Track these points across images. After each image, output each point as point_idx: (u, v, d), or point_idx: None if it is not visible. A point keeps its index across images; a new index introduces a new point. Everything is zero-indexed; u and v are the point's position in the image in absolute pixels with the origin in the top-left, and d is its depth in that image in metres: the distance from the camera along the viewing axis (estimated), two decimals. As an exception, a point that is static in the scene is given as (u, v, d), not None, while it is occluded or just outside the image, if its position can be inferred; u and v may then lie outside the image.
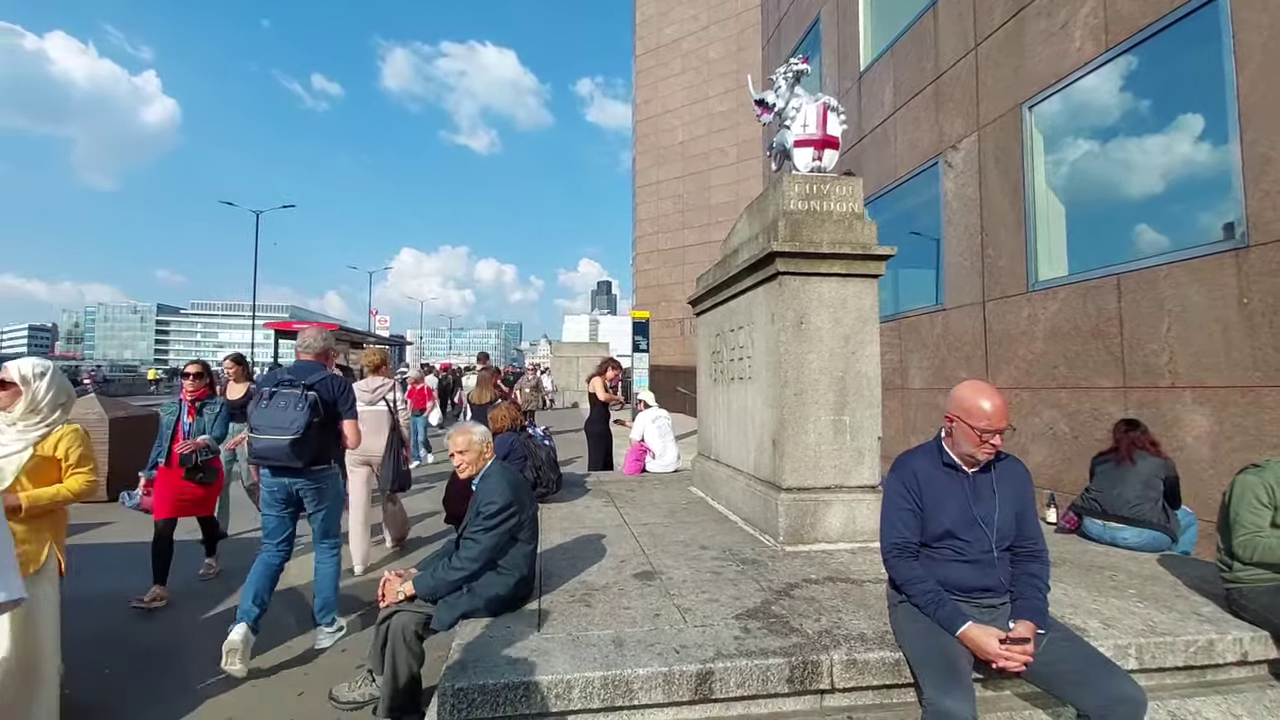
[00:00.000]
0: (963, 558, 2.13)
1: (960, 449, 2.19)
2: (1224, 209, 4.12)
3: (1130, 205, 5.06)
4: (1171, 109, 4.68)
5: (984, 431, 2.09)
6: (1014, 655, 1.90)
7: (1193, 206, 4.53)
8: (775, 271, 3.54)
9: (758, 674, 2.07)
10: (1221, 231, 4.13)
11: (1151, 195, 4.88)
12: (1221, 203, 4.15)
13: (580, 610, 2.53)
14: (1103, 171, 5.30)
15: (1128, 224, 5.06)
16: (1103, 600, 2.66)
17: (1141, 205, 4.96)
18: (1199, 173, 4.42)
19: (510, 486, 2.57)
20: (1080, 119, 5.37)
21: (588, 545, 3.48)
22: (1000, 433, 2.10)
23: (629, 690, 2.01)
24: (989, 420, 2.09)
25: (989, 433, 2.09)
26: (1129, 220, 5.06)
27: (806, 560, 3.21)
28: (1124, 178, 5.12)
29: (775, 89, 4.09)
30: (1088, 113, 5.29)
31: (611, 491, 5.16)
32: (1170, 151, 4.70)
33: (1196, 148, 4.45)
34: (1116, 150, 5.17)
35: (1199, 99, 4.40)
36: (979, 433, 2.10)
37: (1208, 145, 4.32)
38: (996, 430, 2.09)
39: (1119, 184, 5.17)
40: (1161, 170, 4.79)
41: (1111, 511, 3.55)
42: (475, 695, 1.95)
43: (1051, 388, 5.33)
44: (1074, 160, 5.52)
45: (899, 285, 8.01)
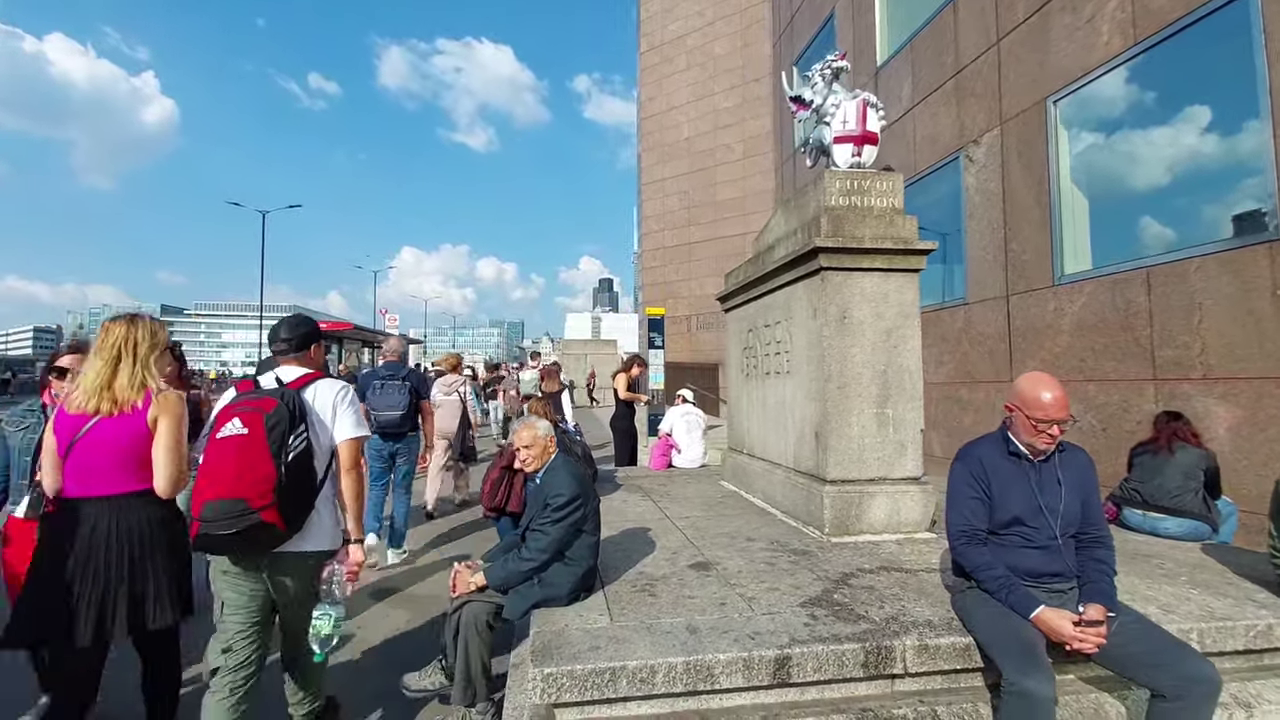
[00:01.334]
0: (1030, 544, 2.18)
1: (1020, 438, 2.25)
2: (1256, 202, 4.16)
3: (1157, 199, 5.09)
4: (1200, 103, 4.71)
5: (1040, 421, 2.16)
6: (1088, 637, 1.95)
7: (1223, 200, 4.56)
8: (818, 267, 3.59)
9: (834, 659, 2.13)
10: (1254, 224, 4.17)
11: (1179, 189, 4.92)
12: (1253, 195, 4.19)
13: (646, 599, 2.59)
14: (1129, 165, 5.33)
15: (1155, 218, 5.10)
16: (1156, 587, 2.72)
17: (1168, 199, 5.00)
18: (1229, 166, 4.46)
19: (576, 480, 2.62)
20: (1106, 113, 5.40)
21: (636, 538, 3.54)
22: (1059, 423, 2.16)
23: (710, 675, 2.07)
24: (1045, 411, 2.15)
25: (1045, 422, 2.15)
26: (1156, 214, 5.09)
27: (855, 551, 3.26)
28: (1150, 171, 5.16)
29: (812, 86, 4.14)
30: (1113, 106, 5.32)
31: (644, 486, 5.22)
32: (1198, 145, 4.74)
33: (1225, 141, 4.49)
34: (1142, 144, 5.20)
35: (1229, 93, 4.44)
36: (1035, 423, 2.17)
37: (1237, 139, 4.35)
38: (1054, 420, 2.15)
39: (1145, 178, 5.21)
40: (1189, 164, 4.83)
41: (1152, 502, 3.60)
42: (564, 680, 2.01)
43: (1078, 381, 5.37)
44: (1099, 154, 5.55)
45: (917, 280, 8.05)
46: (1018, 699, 1.87)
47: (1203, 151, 4.71)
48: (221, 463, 1.97)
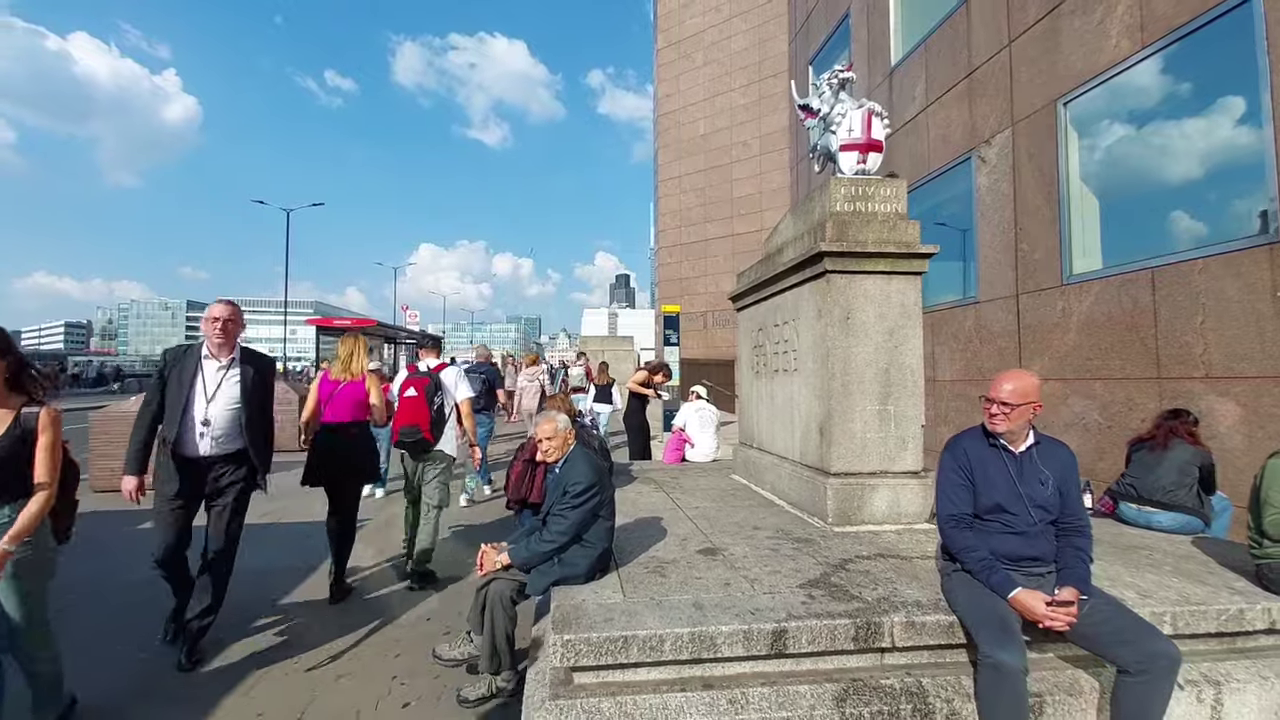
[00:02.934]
0: (1010, 529, 2.37)
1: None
2: (1258, 204, 4.25)
3: (1164, 200, 5.17)
4: (1205, 106, 4.78)
5: (985, 399, 2.46)
6: (1059, 616, 2.13)
7: (1226, 202, 4.64)
8: (823, 270, 3.76)
9: (826, 632, 2.33)
10: (1256, 226, 4.26)
11: (1185, 191, 5.00)
12: (1255, 198, 4.27)
13: (656, 580, 2.81)
14: (1136, 167, 5.41)
15: (1162, 219, 5.18)
16: (1139, 575, 2.87)
17: (1175, 200, 5.08)
18: (1232, 169, 4.54)
19: (593, 469, 2.85)
20: (1115, 115, 5.48)
21: (648, 526, 3.76)
22: (996, 403, 2.42)
23: (713, 644, 2.28)
24: (990, 391, 2.46)
25: (988, 401, 2.45)
26: (1163, 215, 5.17)
27: (855, 540, 3.45)
28: (1158, 173, 5.23)
29: (820, 95, 4.30)
30: (1122, 109, 5.40)
31: (657, 479, 5.43)
32: (1204, 148, 4.82)
33: (1230, 145, 4.56)
34: (1150, 146, 5.28)
35: (1233, 96, 4.52)
36: (983, 399, 2.47)
37: (1241, 142, 4.43)
38: (991, 399, 2.44)
39: (1153, 179, 5.28)
40: (1195, 166, 4.91)
41: (1146, 496, 3.73)
42: (581, 645, 2.24)
43: (1085, 378, 5.48)
44: (1108, 156, 5.63)
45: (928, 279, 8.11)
46: (991, 670, 2.06)
47: (1208, 153, 4.79)
48: (406, 409, 4.35)
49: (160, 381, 3.22)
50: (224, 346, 3.30)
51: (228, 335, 3.30)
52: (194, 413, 3.17)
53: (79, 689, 2.79)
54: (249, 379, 3.34)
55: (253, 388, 3.34)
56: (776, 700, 2.24)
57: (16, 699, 2.46)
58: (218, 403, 3.22)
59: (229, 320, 3.30)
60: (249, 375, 3.35)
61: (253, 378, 3.36)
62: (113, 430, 7.44)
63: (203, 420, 3.17)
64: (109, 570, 4.62)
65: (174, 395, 3.16)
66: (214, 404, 3.20)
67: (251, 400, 3.34)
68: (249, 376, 3.35)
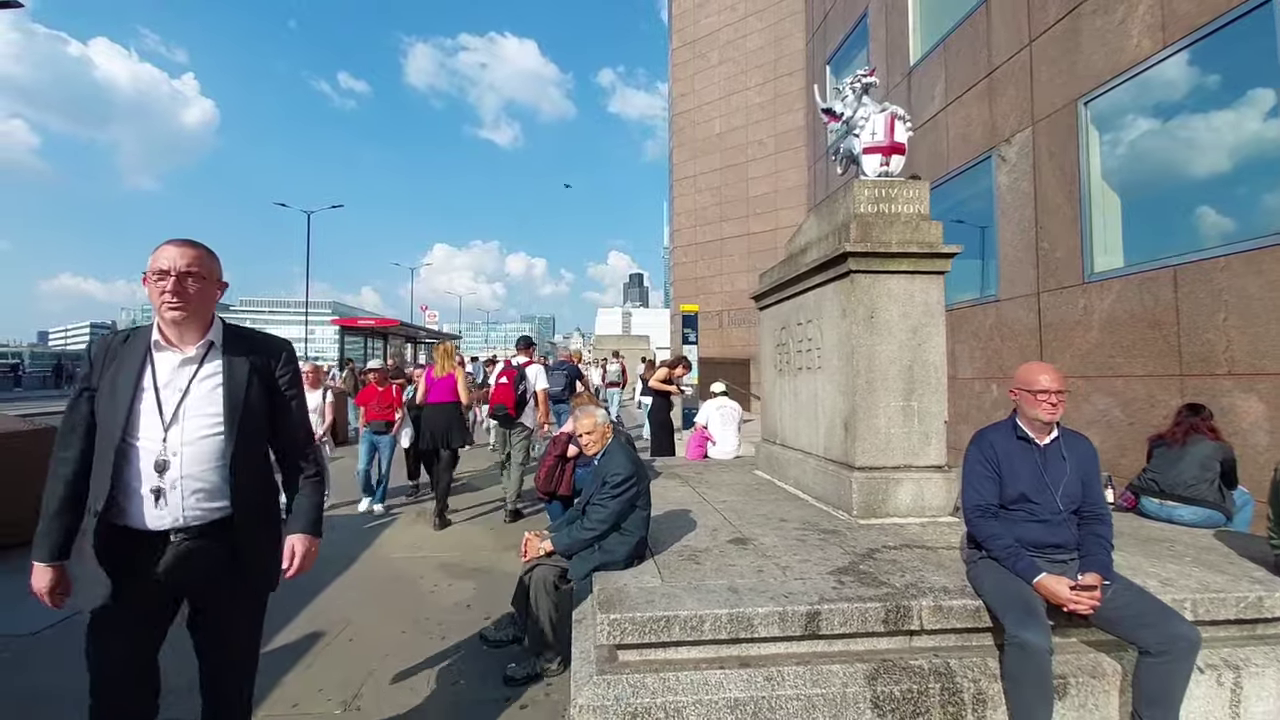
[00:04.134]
0: (1035, 518, 2.48)
1: (1028, 418, 2.57)
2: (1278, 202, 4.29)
3: (1185, 198, 5.20)
4: (1226, 104, 4.82)
5: (1039, 393, 2.51)
6: (1083, 599, 2.24)
7: (1247, 200, 4.67)
8: (847, 270, 3.87)
9: (857, 615, 2.45)
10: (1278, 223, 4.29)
11: (1206, 189, 5.03)
12: (1276, 195, 4.31)
13: (691, 567, 2.95)
14: (1157, 166, 5.44)
15: (1183, 217, 5.21)
16: (1160, 565, 2.96)
17: (1196, 198, 5.11)
18: (1254, 167, 4.57)
19: (631, 461, 3.00)
20: (1136, 114, 5.52)
21: (678, 518, 3.90)
22: (1055, 393, 2.49)
23: (750, 625, 2.42)
24: (1042, 384, 2.51)
25: (1044, 393, 2.50)
26: (1184, 213, 5.20)
27: (881, 531, 3.56)
28: (1179, 172, 5.27)
29: (843, 99, 4.41)
30: (1143, 108, 5.44)
31: (682, 474, 5.57)
32: (1225, 147, 4.85)
33: (1252, 143, 4.59)
34: (1171, 145, 5.31)
35: (1255, 95, 4.55)
36: (1035, 395, 2.52)
37: (1267, 137, 4.46)
38: (1050, 391, 2.50)
39: (1174, 178, 5.32)
40: (1216, 165, 4.94)
41: (1169, 491, 3.80)
42: (626, 624, 2.38)
43: (1107, 376, 5.52)
44: (1129, 155, 5.66)
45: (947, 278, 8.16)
46: (1018, 649, 2.17)
47: (1231, 151, 4.82)
48: (498, 392, 5.99)
49: (83, 399, 1.80)
50: (188, 321, 1.81)
51: (189, 301, 1.78)
52: (138, 450, 1.74)
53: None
54: (243, 378, 1.86)
55: (254, 394, 1.88)
56: (810, 678, 2.37)
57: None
58: (185, 425, 1.77)
59: (189, 273, 1.78)
60: (243, 373, 1.87)
61: (250, 375, 1.88)
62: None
63: (158, 463, 1.73)
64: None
65: (105, 420, 1.76)
66: (177, 428, 1.76)
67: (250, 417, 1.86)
68: (243, 374, 1.86)
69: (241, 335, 1.96)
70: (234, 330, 1.95)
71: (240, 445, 1.83)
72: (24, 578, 1.82)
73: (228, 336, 1.91)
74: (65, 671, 3.11)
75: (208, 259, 1.85)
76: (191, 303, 1.79)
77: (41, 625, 3.66)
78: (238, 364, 1.88)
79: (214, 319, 1.90)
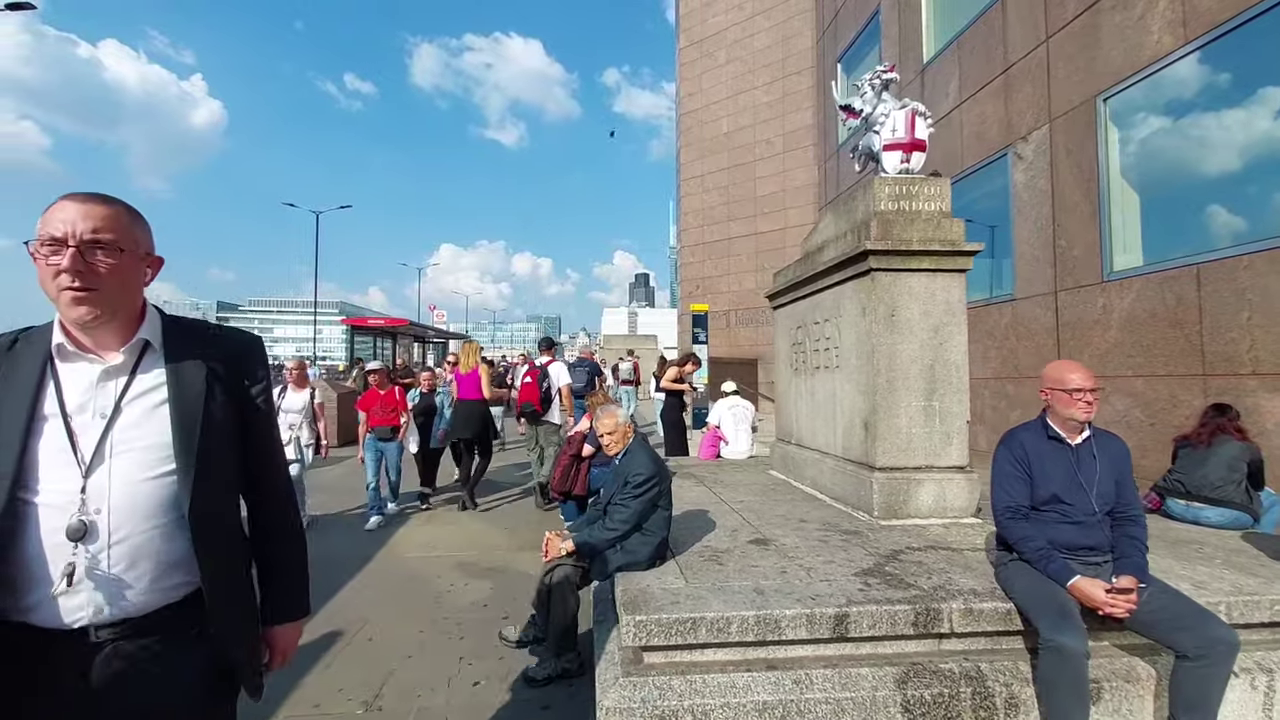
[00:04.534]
0: (1068, 519, 2.43)
1: (1061, 417, 2.53)
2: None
3: (1207, 195, 5.13)
4: (1251, 101, 4.74)
5: (1075, 392, 2.46)
6: (1119, 603, 2.20)
7: (1271, 197, 4.60)
8: (868, 268, 3.83)
9: (886, 618, 2.42)
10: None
11: (1229, 186, 4.96)
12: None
13: (714, 568, 2.92)
14: (1178, 163, 5.37)
15: (1206, 214, 5.14)
16: (1191, 568, 2.91)
17: (1219, 195, 5.04)
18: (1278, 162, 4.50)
19: (653, 460, 2.98)
20: (1156, 110, 5.45)
21: (697, 518, 3.87)
22: (1091, 391, 2.45)
23: (777, 627, 2.39)
24: (1077, 383, 2.46)
25: (1080, 391, 2.45)
26: (1207, 211, 5.13)
27: (903, 532, 3.52)
28: (1201, 169, 5.19)
29: (862, 95, 4.37)
30: (1164, 104, 5.37)
31: (697, 474, 5.54)
32: (1249, 142, 4.77)
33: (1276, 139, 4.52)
34: (1193, 142, 5.24)
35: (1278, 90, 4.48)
36: (1071, 394, 2.46)
37: (1293, 136, 4.40)
38: (1086, 389, 2.45)
39: (1196, 175, 5.24)
40: (1240, 161, 4.86)
41: (1195, 492, 3.74)
42: (652, 626, 2.36)
43: (1127, 376, 5.46)
44: (1149, 152, 5.59)
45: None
46: (1053, 653, 2.13)
47: (1253, 148, 4.75)
48: (525, 390, 6.50)
49: None
50: (104, 315, 1.18)
51: (100, 284, 1.15)
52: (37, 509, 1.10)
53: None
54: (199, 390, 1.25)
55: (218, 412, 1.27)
56: (839, 681, 2.34)
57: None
58: (116, 466, 1.15)
59: (98, 242, 1.14)
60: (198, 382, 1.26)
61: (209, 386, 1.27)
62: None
63: (72, 526, 1.09)
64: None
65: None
66: (103, 471, 1.14)
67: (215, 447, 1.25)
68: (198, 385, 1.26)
69: (191, 330, 1.34)
70: (178, 324, 1.33)
71: (203, 488, 1.20)
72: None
73: (170, 332, 1.29)
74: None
75: (126, 220, 1.21)
76: (105, 286, 1.15)
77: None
78: (189, 371, 1.25)
79: (146, 309, 1.28)
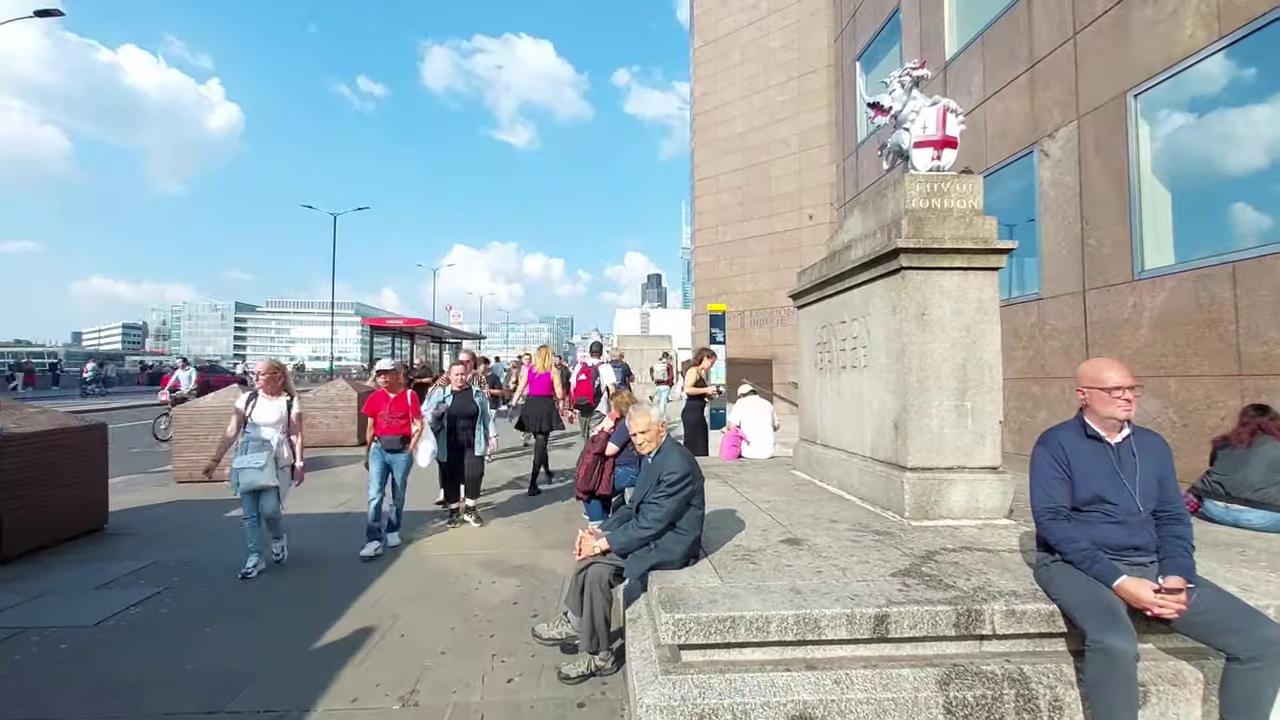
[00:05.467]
0: (1111, 519, 2.40)
1: (1099, 416, 2.49)
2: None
3: (1243, 192, 5.03)
4: (1293, 95, 4.64)
5: (1114, 389, 2.43)
6: (1169, 603, 2.16)
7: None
8: (898, 266, 3.80)
9: (928, 618, 2.40)
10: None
11: (1267, 182, 4.85)
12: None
13: (748, 567, 2.91)
14: (1213, 159, 5.28)
15: (1241, 212, 5.04)
16: (1235, 571, 2.85)
17: (1255, 192, 4.94)
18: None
19: (687, 460, 2.97)
20: (1188, 107, 5.36)
21: (726, 518, 3.86)
22: (1130, 389, 2.41)
23: (817, 627, 2.38)
24: (1115, 381, 2.43)
25: (1119, 389, 2.42)
26: (1242, 208, 5.04)
27: (936, 533, 3.49)
28: (1236, 165, 5.10)
29: (890, 92, 4.33)
30: (1196, 100, 5.28)
31: (720, 474, 5.52)
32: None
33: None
34: (1227, 138, 5.14)
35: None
36: (1109, 392, 2.43)
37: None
38: (1125, 387, 2.41)
39: (1230, 171, 5.15)
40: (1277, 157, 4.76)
41: (1235, 494, 3.67)
42: (691, 624, 2.36)
43: (1159, 376, 5.36)
44: (1182, 148, 5.50)
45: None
46: (1101, 655, 2.10)
47: (1294, 144, 4.65)
48: (580, 386, 8.33)
49: None
50: None
51: None
52: None
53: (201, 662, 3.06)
54: None
55: None
56: (880, 682, 2.32)
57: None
58: None
59: None
60: None
61: None
62: (196, 424, 7.90)
63: None
64: (207, 554, 4.94)
65: None
66: None
67: None
68: None
69: None
70: None
71: None
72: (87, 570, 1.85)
73: None
74: (125, 663, 3.18)
75: None
76: None
77: (101, 617, 3.74)
78: None
79: None
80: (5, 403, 5.28)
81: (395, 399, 5.35)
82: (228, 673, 3.07)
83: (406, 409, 5.37)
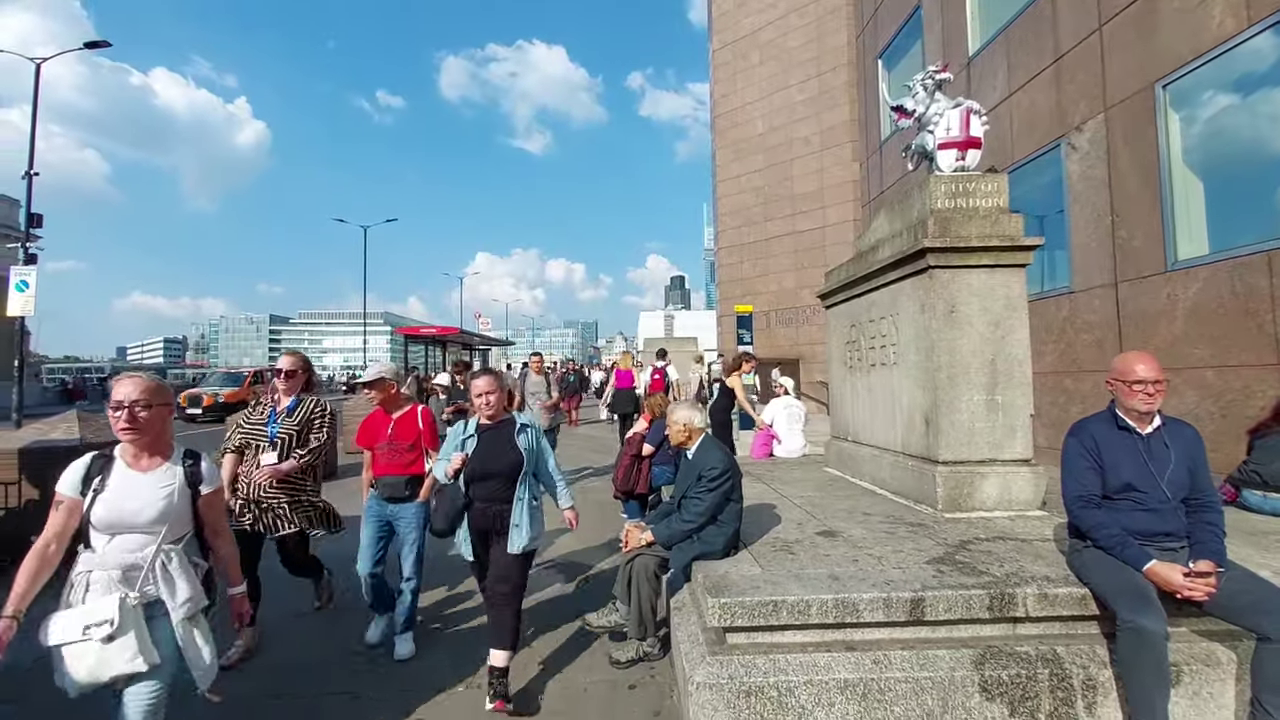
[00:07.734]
0: (1141, 507, 2.49)
1: (1125, 407, 2.58)
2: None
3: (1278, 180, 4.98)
4: (1327, 81, 4.61)
5: (1135, 383, 2.51)
6: (1199, 586, 2.25)
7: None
8: (926, 265, 3.91)
9: (962, 602, 2.52)
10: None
11: (1304, 169, 4.81)
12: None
13: (786, 557, 3.06)
14: (1245, 148, 5.24)
15: (1276, 200, 4.99)
16: (1271, 556, 2.90)
17: (1293, 179, 4.89)
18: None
19: (725, 456, 3.13)
20: (1218, 95, 5.33)
21: (761, 513, 3.99)
22: (1152, 383, 2.49)
23: (855, 610, 2.52)
24: (1138, 374, 2.51)
25: (1140, 383, 2.50)
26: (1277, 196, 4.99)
27: (969, 524, 3.58)
28: (1269, 153, 5.05)
29: (913, 95, 4.43)
30: (1226, 88, 5.25)
31: (752, 471, 5.65)
32: (1327, 124, 4.63)
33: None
34: (1260, 125, 5.10)
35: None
36: (1131, 385, 2.52)
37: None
38: (1147, 380, 2.49)
39: (1264, 159, 5.10)
40: (1316, 143, 4.72)
41: (1273, 483, 3.69)
42: (736, 608, 2.52)
43: (1195, 367, 5.33)
44: (1213, 138, 5.46)
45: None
46: (1132, 634, 2.20)
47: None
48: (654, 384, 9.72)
49: None
50: None
51: None
52: None
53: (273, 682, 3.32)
54: None
55: None
56: (917, 662, 2.45)
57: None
58: None
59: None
60: None
61: None
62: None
63: None
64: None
65: None
66: None
67: None
68: None
69: None
70: None
71: None
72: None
73: None
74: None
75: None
76: None
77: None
78: None
79: None
80: (84, 415, 5.69)
81: (399, 420, 3.60)
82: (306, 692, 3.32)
83: (416, 435, 3.58)
